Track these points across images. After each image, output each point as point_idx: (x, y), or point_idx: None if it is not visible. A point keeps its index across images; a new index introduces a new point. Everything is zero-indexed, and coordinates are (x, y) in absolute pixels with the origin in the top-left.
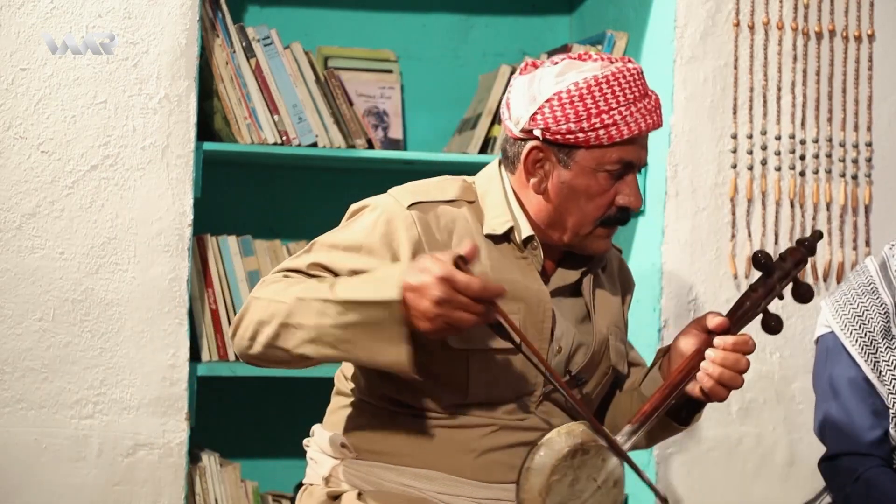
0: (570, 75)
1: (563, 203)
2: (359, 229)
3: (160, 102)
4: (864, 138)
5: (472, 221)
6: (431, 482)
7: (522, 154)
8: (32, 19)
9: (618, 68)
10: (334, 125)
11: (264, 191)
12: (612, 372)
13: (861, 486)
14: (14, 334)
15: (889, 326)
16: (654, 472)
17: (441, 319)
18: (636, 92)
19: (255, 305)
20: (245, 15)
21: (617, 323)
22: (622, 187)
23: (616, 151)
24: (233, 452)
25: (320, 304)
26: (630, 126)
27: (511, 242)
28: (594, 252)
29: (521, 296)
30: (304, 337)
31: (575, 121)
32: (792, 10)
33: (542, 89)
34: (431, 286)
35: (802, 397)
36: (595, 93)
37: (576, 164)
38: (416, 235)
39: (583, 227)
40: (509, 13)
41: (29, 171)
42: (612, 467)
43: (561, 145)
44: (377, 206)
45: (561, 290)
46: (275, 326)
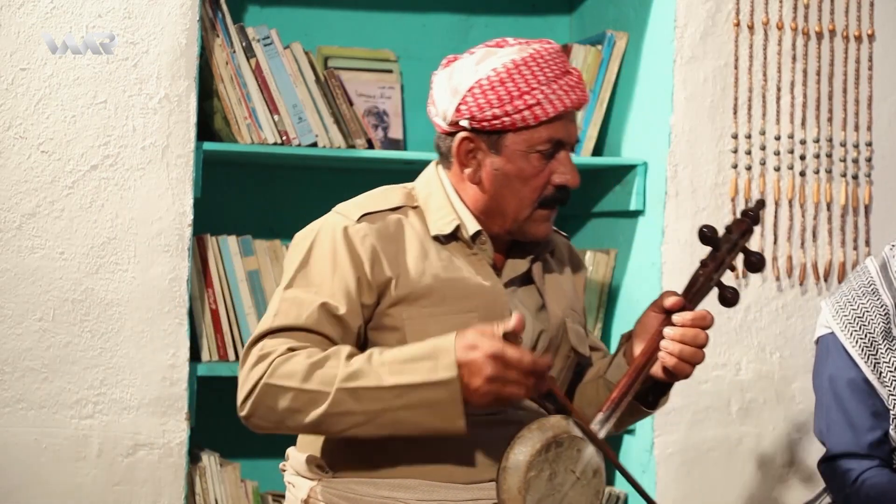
0: (488, 62)
1: (500, 189)
2: (323, 255)
3: (160, 102)
4: (864, 138)
5: (419, 226)
6: (409, 490)
7: (454, 147)
8: (32, 19)
9: (535, 49)
10: (334, 125)
11: (264, 191)
12: (574, 355)
13: (861, 487)
14: (14, 334)
15: (889, 327)
16: (654, 472)
17: (493, 395)
18: (556, 70)
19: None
20: (245, 15)
21: (573, 306)
22: (556, 166)
23: (544, 131)
24: (233, 452)
25: (370, 391)
26: (554, 104)
27: (459, 240)
28: (536, 237)
29: (476, 292)
30: (354, 422)
31: (499, 105)
32: (792, 10)
33: (462, 80)
34: (483, 363)
35: (802, 397)
36: (515, 75)
37: (506, 148)
38: (370, 247)
39: (522, 210)
40: (509, 13)
41: (29, 171)
42: (588, 457)
43: (489, 132)
44: (327, 228)
45: (513, 280)
46: (315, 416)
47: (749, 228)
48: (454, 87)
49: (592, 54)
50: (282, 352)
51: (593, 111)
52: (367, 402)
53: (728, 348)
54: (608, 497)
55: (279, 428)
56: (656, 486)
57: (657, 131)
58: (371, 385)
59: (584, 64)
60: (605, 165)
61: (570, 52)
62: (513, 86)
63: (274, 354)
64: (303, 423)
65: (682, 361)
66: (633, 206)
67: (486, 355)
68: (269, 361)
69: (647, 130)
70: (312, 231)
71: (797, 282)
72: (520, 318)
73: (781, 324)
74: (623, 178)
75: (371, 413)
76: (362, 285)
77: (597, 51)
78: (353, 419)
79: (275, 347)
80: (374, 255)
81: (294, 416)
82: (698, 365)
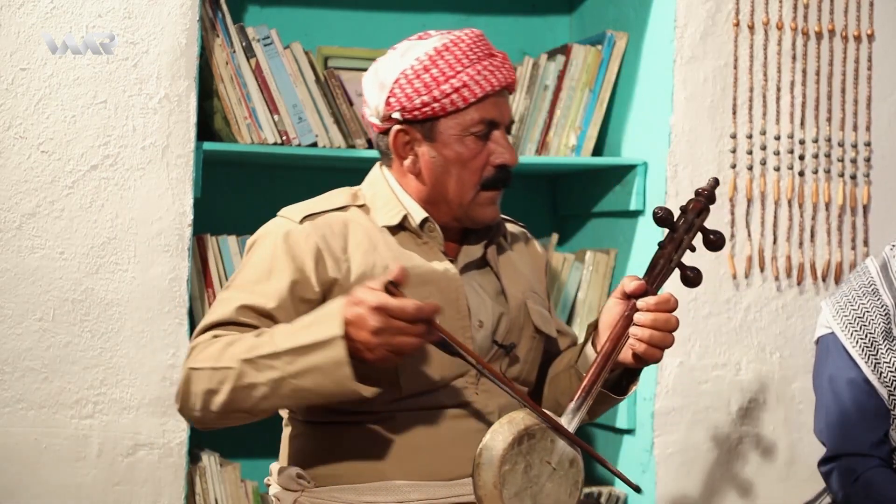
0: (411, 52)
1: (440, 176)
2: (261, 258)
3: (160, 102)
4: (863, 138)
5: (366, 221)
6: (390, 493)
7: (390, 142)
8: (32, 19)
9: (456, 35)
10: (334, 125)
11: (264, 191)
12: (540, 335)
13: (861, 487)
14: (14, 334)
15: (890, 327)
16: (654, 472)
17: (383, 348)
18: (479, 53)
19: (197, 376)
20: (245, 15)
21: (533, 289)
22: (493, 147)
23: (474, 112)
24: (233, 452)
25: (267, 359)
26: (481, 84)
27: (408, 230)
28: (485, 220)
29: (430, 279)
30: (260, 394)
31: (426, 92)
32: (792, 10)
33: (388, 73)
34: (367, 316)
35: (802, 397)
36: (438, 61)
37: (440, 135)
38: (313, 245)
39: (464, 194)
40: (509, 13)
41: (29, 171)
42: (563, 447)
43: (422, 121)
44: (270, 231)
45: (469, 266)
46: (226, 393)
47: (705, 207)
48: (381, 81)
49: (592, 54)
50: (206, 339)
51: (593, 111)
52: (267, 370)
53: (728, 348)
54: (608, 497)
55: (207, 416)
56: (656, 486)
57: (657, 131)
58: (267, 352)
59: (584, 64)
60: (605, 165)
61: (570, 52)
62: (437, 71)
63: (199, 345)
64: (222, 404)
65: (651, 347)
66: (633, 206)
67: (368, 308)
68: (193, 349)
69: (647, 130)
70: (257, 235)
71: (796, 282)
72: (401, 268)
73: (781, 324)
74: (623, 178)
75: (272, 382)
76: (302, 285)
77: (597, 51)
78: (258, 391)
79: (202, 338)
80: (317, 255)
81: (213, 398)
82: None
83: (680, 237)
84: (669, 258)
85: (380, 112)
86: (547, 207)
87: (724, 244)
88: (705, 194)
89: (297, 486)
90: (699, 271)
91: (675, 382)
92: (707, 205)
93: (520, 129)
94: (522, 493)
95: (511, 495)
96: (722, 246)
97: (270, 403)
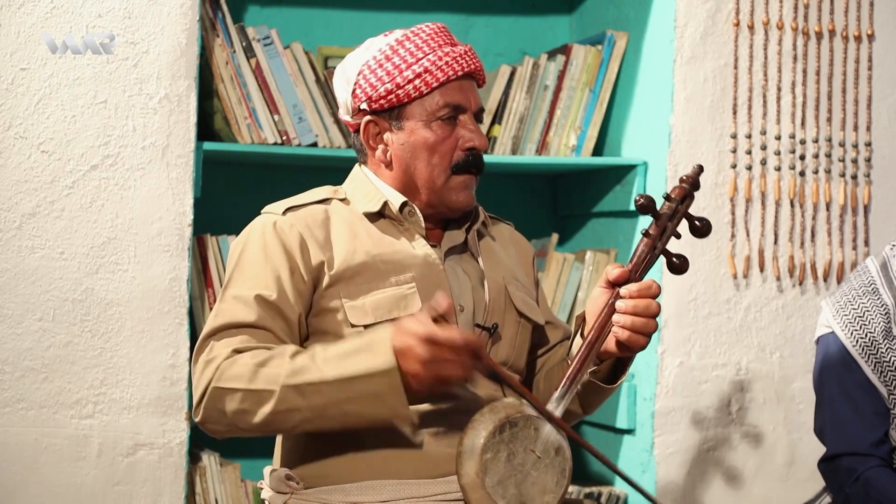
0: (373, 46)
1: (410, 162)
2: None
3: (160, 102)
4: (863, 138)
5: (346, 212)
6: (377, 492)
7: (361, 134)
8: (32, 19)
9: (417, 27)
10: (334, 125)
11: (264, 191)
12: (524, 320)
13: (861, 486)
14: (14, 334)
15: (890, 327)
16: (654, 472)
17: (432, 378)
18: (440, 41)
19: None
20: (245, 15)
21: (516, 276)
22: (461, 131)
23: (439, 96)
24: (233, 452)
25: (313, 386)
26: (443, 69)
27: (388, 217)
28: (459, 205)
29: (410, 263)
30: (301, 418)
31: (389, 80)
32: (792, 10)
33: (352, 68)
34: (416, 347)
35: (802, 397)
36: (399, 50)
37: (407, 122)
38: (297, 235)
39: (435, 178)
40: (509, 13)
41: (29, 171)
42: (546, 436)
43: (389, 111)
44: (255, 227)
45: (451, 251)
46: (264, 415)
47: (688, 193)
48: (346, 76)
49: (592, 54)
50: (227, 355)
51: (593, 111)
52: (312, 396)
53: (728, 348)
54: (608, 497)
55: (233, 430)
56: (656, 486)
57: (657, 131)
58: (314, 380)
59: (584, 64)
60: (605, 165)
61: (570, 53)
62: (398, 59)
63: (219, 359)
64: (253, 423)
65: (634, 333)
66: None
67: (418, 339)
68: (216, 366)
69: (647, 130)
70: (244, 234)
71: (797, 282)
72: (446, 300)
73: (781, 324)
74: (623, 178)
75: (317, 408)
76: (295, 273)
77: (597, 51)
78: (300, 415)
79: (220, 351)
80: (302, 243)
81: (244, 417)
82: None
83: (663, 224)
84: (653, 245)
85: (349, 107)
86: (547, 207)
87: (710, 230)
88: (689, 181)
89: (286, 489)
90: (685, 258)
91: (675, 382)
92: (690, 191)
93: (520, 129)
94: (506, 481)
95: (494, 483)
96: (708, 232)
97: (312, 426)
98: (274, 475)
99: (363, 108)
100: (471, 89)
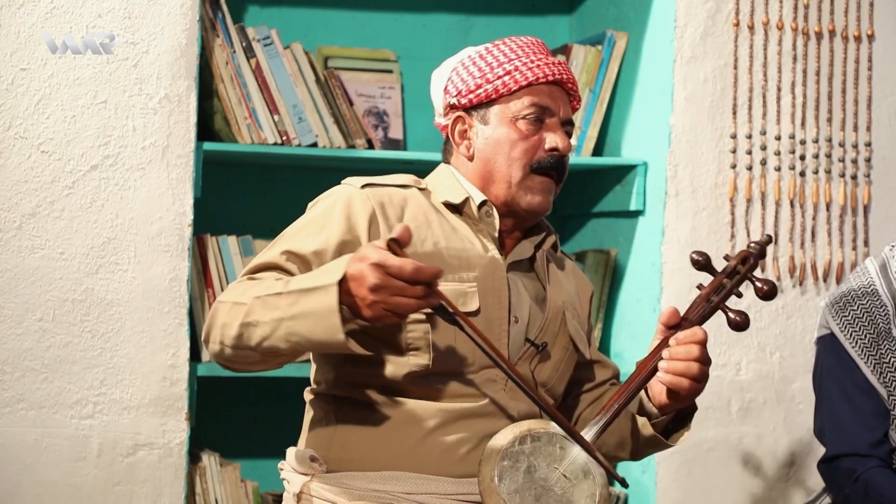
0: (466, 51)
1: (491, 156)
2: (318, 212)
3: (160, 102)
4: (863, 138)
5: (424, 201)
6: (400, 483)
7: (449, 130)
8: (32, 19)
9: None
10: (334, 125)
11: (264, 191)
12: (573, 349)
13: (860, 487)
14: (14, 334)
15: (889, 328)
16: (654, 472)
17: (379, 306)
18: (534, 49)
19: (220, 309)
20: (245, 15)
21: (574, 306)
22: (546, 133)
23: (526, 96)
24: (233, 452)
25: (274, 298)
26: (533, 70)
27: (465, 214)
28: (534, 207)
29: (476, 263)
30: (263, 333)
31: (479, 76)
32: (792, 10)
33: (447, 68)
34: (367, 273)
35: (802, 397)
36: (493, 51)
37: (494, 117)
38: (370, 209)
39: (513, 173)
40: (509, 13)
41: (29, 171)
42: (576, 457)
43: (477, 107)
44: (332, 192)
45: (517, 264)
46: (237, 327)
47: (748, 256)
48: (441, 77)
49: (592, 54)
50: (238, 279)
51: (593, 111)
52: (271, 310)
53: (728, 348)
54: None
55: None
56: (656, 486)
57: (657, 131)
58: (276, 292)
59: (584, 64)
60: (605, 165)
61: (570, 53)
62: (491, 58)
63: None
64: (232, 338)
65: (675, 375)
66: (633, 206)
67: (369, 264)
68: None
69: (647, 130)
70: (320, 197)
71: (797, 282)
72: (404, 227)
73: (781, 324)
74: (623, 178)
75: (273, 322)
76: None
77: (597, 51)
78: (261, 329)
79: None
80: (372, 217)
81: (226, 331)
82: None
83: (718, 280)
84: (706, 298)
85: (440, 106)
86: None
87: (775, 294)
88: (756, 249)
89: (309, 470)
90: (745, 315)
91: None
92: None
93: None
94: (524, 491)
95: (510, 491)
96: (773, 296)
97: (270, 344)
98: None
99: (452, 103)
100: (561, 98)
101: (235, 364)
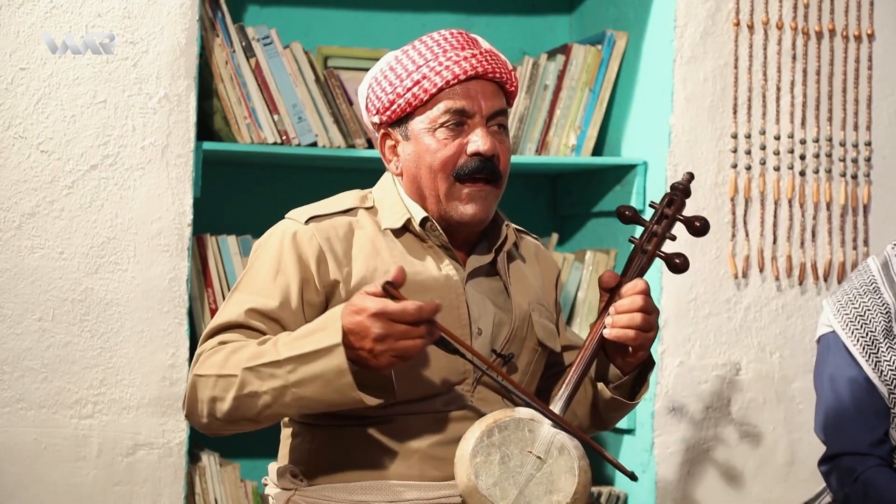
0: (383, 60)
1: (416, 171)
2: (269, 257)
3: (160, 102)
4: (863, 138)
5: (370, 225)
6: (380, 492)
7: (378, 148)
8: (32, 19)
9: (428, 35)
10: (334, 125)
11: (264, 191)
12: (542, 349)
13: (860, 486)
14: (14, 334)
15: (891, 326)
16: (654, 472)
17: (387, 354)
18: (445, 46)
19: (203, 383)
20: (245, 15)
21: (540, 301)
22: (470, 135)
23: (441, 101)
24: (233, 452)
25: (269, 367)
26: (442, 74)
27: (412, 233)
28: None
29: (431, 286)
30: (263, 403)
31: (391, 91)
32: (792, 9)
33: (365, 83)
34: (369, 324)
35: (802, 397)
36: (403, 60)
37: (413, 132)
38: (317, 248)
39: (437, 186)
40: (509, 13)
41: (29, 170)
42: (546, 436)
43: (397, 123)
44: (277, 230)
45: (477, 272)
46: (230, 402)
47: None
48: (362, 92)
49: (592, 54)
50: (212, 346)
51: (593, 111)
52: (269, 379)
53: (728, 348)
54: (608, 497)
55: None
56: (656, 486)
57: (657, 131)
58: (269, 360)
59: (583, 64)
60: (605, 165)
61: (569, 52)
62: (401, 68)
63: (205, 351)
64: (226, 412)
65: (621, 329)
66: (633, 205)
67: (368, 315)
68: (199, 355)
69: (647, 130)
70: (264, 238)
71: (797, 282)
72: (399, 269)
73: (781, 324)
74: (623, 178)
75: (274, 391)
76: (307, 285)
77: (597, 51)
78: (261, 400)
79: (208, 344)
80: (319, 256)
81: (217, 405)
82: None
83: (650, 228)
84: (641, 248)
85: (369, 123)
86: (547, 207)
87: (707, 228)
88: (680, 188)
89: (291, 485)
90: (684, 256)
91: (675, 382)
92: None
93: (520, 128)
94: (503, 482)
95: (489, 485)
96: (706, 230)
97: (273, 412)
98: (279, 471)
99: (375, 121)
100: (481, 93)
101: (223, 431)
